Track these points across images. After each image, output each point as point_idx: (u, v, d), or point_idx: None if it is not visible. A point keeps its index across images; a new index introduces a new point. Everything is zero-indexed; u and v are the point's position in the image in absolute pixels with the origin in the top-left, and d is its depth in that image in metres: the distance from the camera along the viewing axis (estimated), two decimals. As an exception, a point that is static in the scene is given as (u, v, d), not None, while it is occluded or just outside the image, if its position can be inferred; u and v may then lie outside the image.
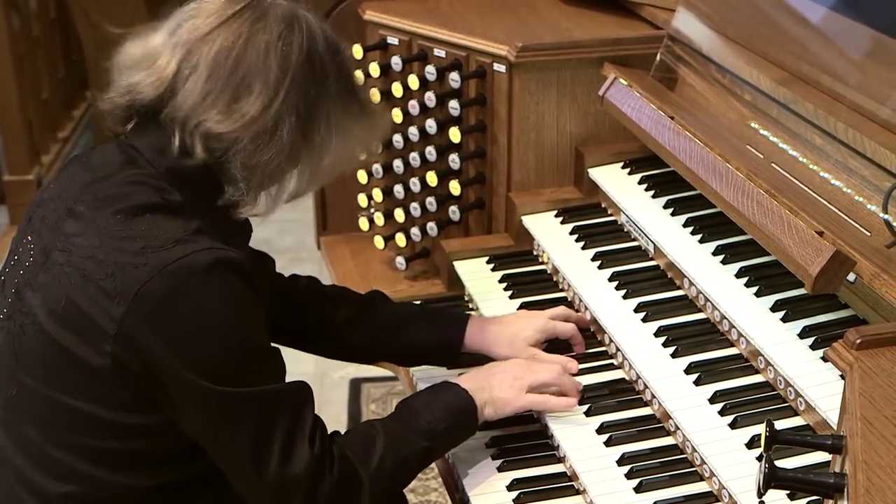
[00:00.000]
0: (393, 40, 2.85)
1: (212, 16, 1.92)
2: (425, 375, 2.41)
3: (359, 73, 2.87)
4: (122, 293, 1.82)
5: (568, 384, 2.18)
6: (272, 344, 1.98)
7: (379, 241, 2.94)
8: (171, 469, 1.97)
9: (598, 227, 2.61)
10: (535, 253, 2.69)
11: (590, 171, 2.68)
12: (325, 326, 2.35)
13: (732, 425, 1.98)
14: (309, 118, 1.93)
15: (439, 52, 2.76)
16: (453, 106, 2.72)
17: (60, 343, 1.88)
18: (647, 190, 2.56)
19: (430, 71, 2.74)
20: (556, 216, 2.68)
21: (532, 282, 2.59)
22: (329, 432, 1.99)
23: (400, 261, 2.87)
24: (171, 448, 1.95)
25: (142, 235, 1.85)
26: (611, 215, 2.65)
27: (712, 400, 2.04)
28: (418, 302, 2.64)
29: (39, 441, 1.93)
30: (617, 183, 2.62)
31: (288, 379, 1.96)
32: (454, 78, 2.70)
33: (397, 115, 2.83)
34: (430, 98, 2.74)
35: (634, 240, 2.53)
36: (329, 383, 4.40)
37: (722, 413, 2.01)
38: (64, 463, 1.92)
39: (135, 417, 1.90)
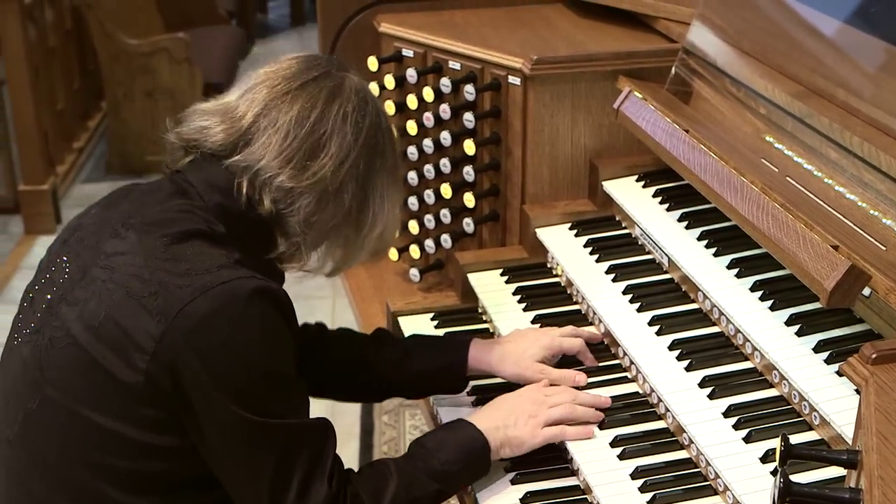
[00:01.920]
0: (408, 52, 2.86)
1: (290, 79, 2.00)
2: (441, 397, 2.41)
3: (373, 86, 2.89)
4: (164, 311, 1.85)
5: (584, 415, 2.17)
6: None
7: (393, 253, 2.94)
8: (187, 497, 1.97)
9: (613, 240, 2.61)
10: (548, 265, 2.69)
11: (604, 183, 2.68)
12: (334, 368, 2.36)
13: (747, 439, 1.97)
14: (369, 186, 2.03)
15: (454, 65, 2.77)
16: (468, 118, 2.73)
17: (94, 357, 1.89)
18: (661, 203, 2.56)
19: (445, 83, 2.75)
20: (571, 229, 2.68)
21: (546, 294, 2.59)
22: (346, 469, 2.01)
23: (414, 272, 2.87)
24: (190, 475, 1.95)
25: (187, 259, 1.89)
26: (625, 228, 2.65)
27: (726, 414, 2.04)
28: (431, 314, 2.65)
29: (57, 457, 1.93)
30: (631, 196, 2.63)
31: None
32: (469, 90, 2.71)
33: (412, 127, 2.84)
34: (444, 110, 2.75)
35: (648, 253, 2.53)
36: (342, 394, 4.40)
37: (736, 427, 2.00)
38: (80, 481, 1.92)
39: (158, 438, 1.90)
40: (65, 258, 2.01)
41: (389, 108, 2.87)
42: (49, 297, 1.98)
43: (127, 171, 6.55)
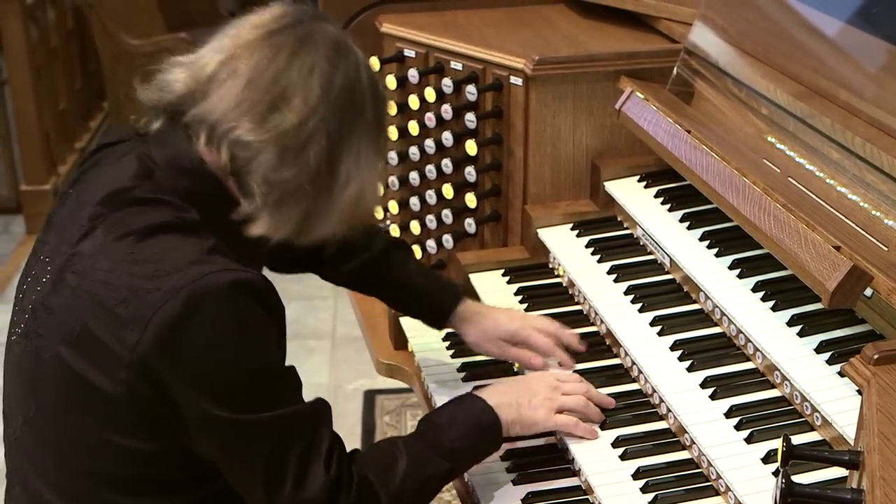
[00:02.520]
0: (410, 53, 2.86)
1: (257, 27, 1.90)
2: (437, 381, 2.42)
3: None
4: (136, 319, 1.79)
5: (593, 414, 2.17)
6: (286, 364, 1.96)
7: (394, 253, 2.94)
8: (191, 491, 1.95)
9: (614, 241, 2.61)
10: (550, 266, 2.69)
11: (606, 184, 2.68)
12: (330, 270, 2.41)
13: (748, 440, 1.97)
14: (339, 145, 1.90)
15: (456, 65, 2.77)
16: (469, 118, 2.73)
17: (75, 370, 1.86)
18: (663, 203, 2.56)
19: (447, 83, 2.75)
20: (572, 229, 2.68)
21: (547, 295, 2.59)
22: (350, 450, 1.98)
23: (415, 273, 2.86)
24: (187, 472, 1.93)
25: (155, 258, 1.82)
26: (626, 229, 2.65)
27: (728, 414, 2.04)
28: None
29: (57, 465, 1.93)
30: (633, 196, 2.62)
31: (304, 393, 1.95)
32: (471, 90, 2.71)
33: (413, 128, 2.84)
34: (446, 110, 2.75)
35: (650, 253, 2.53)
36: (343, 395, 4.41)
37: (738, 427, 2.00)
38: (78, 486, 1.92)
39: (150, 443, 1.88)
40: (46, 257, 1.96)
41: (391, 107, 2.87)
42: (34, 297, 1.95)
43: (128, 172, 6.55)
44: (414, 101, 2.82)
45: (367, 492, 1.93)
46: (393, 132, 2.87)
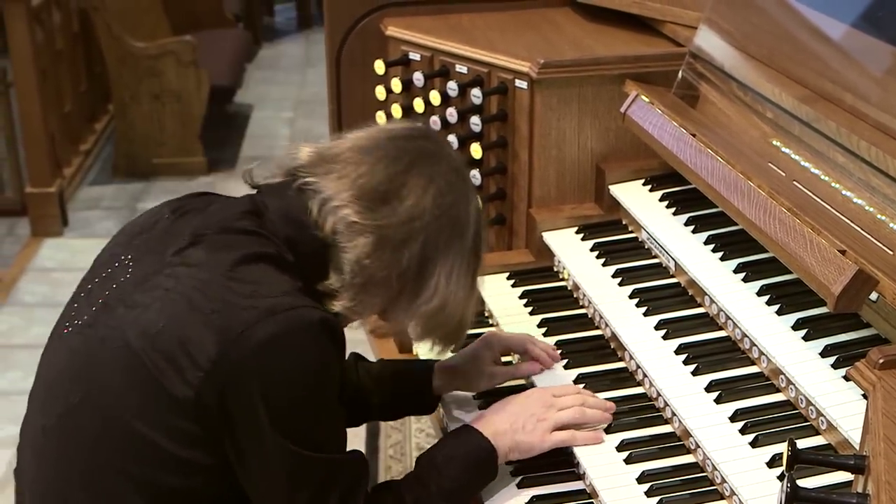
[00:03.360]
0: (415, 56, 2.86)
1: (390, 131, 2.03)
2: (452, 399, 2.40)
3: (380, 89, 2.89)
4: (225, 330, 1.82)
5: (594, 417, 2.16)
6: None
7: (399, 257, 2.94)
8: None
9: (619, 244, 2.61)
10: (555, 269, 2.69)
11: (611, 187, 2.68)
12: None
13: (753, 444, 1.97)
14: (435, 255, 1.98)
15: (461, 68, 2.77)
16: (474, 122, 2.73)
17: (146, 364, 1.87)
18: (668, 207, 2.56)
19: (452, 87, 2.75)
20: (577, 232, 2.68)
21: (552, 298, 2.59)
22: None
23: (420, 276, 2.86)
24: (216, 493, 1.94)
25: (254, 280, 1.87)
26: (631, 232, 2.65)
27: (733, 418, 2.03)
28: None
29: (87, 456, 1.92)
30: (638, 200, 2.63)
31: None
32: (476, 94, 2.71)
33: (419, 131, 2.84)
34: (451, 114, 2.75)
35: (655, 257, 2.53)
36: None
37: (743, 431, 2.00)
38: (105, 484, 1.91)
39: (195, 454, 1.89)
40: (129, 257, 1.99)
41: (396, 111, 2.88)
42: (108, 293, 1.97)
43: (133, 174, 6.57)
44: (419, 105, 2.83)
45: None
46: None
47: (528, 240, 2.75)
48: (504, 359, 2.38)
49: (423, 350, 2.54)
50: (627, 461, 2.08)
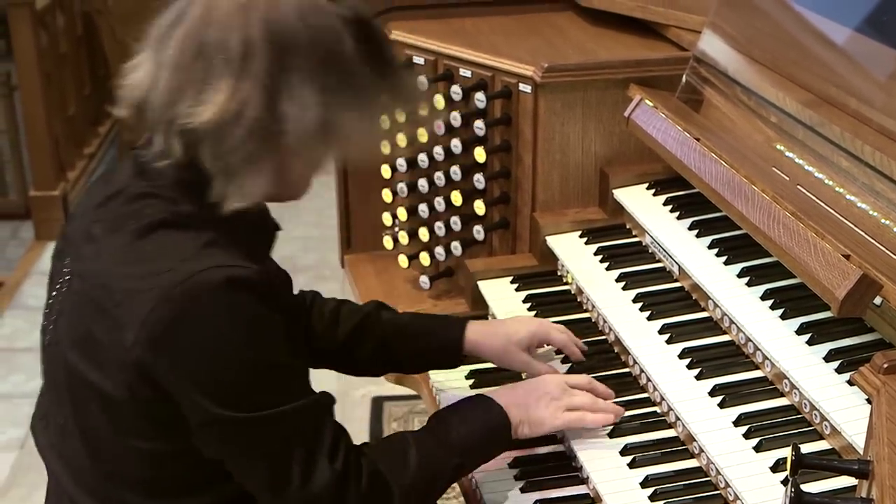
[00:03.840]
0: (419, 60, 2.87)
1: (173, 10, 1.85)
2: (446, 388, 2.41)
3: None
4: (131, 321, 1.78)
5: (605, 407, 2.17)
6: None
7: (403, 260, 2.95)
8: (211, 492, 1.95)
9: (623, 248, 2.61)
10: (559, 273, 2.69)
11: (614, 191, 2.68)
12: (328, 344, 2.33)
13: (757, 448, 1.97)
14: (273, 92, 1.79)
15: (465, 72, 2.77)
16: (478, 126, 2.73)
17: (84, 375, 1.87)
18: (672, 211, 2.56)
19: (456, 91, 2.75)
20: (581, 237, 2.68)
21: (556, 302, 2.59)
22: (360, 444, 1.97)
23: (424, 280, 2.87)
24: (205, 472, 1.93)
25: (148, 258, 1.81)
26: (635, 236, 2.65)
27: (737, 423, 2.03)
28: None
29: (90, 470, 1.94)
30: (642, 204, 2.62)
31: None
32: (480, 98, 2.71)
33: (422, 135, 2.84)
34: (455, 118, 2.75)
35: (659, 261, 2.53)
36: (350, 402, 4.40)
37: (746, 436, 2.00)
38: (115, 493, 1.93)
39: (162, 444, 1.88)
40: (66, 261, 1.97)
41: (400, 114, 2.88)
42: (57, 307, 1.97)
43: (137, 177, 6.57)
44: (423, 108, 2.82)
45: (379, 484, 1.92)
46: (402, 139, 2.88)
47: (531, 244, 2.75)
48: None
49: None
50: (631, 465, 2.08)
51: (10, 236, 6.04)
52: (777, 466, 1.92)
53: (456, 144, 2.76)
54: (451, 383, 2.43)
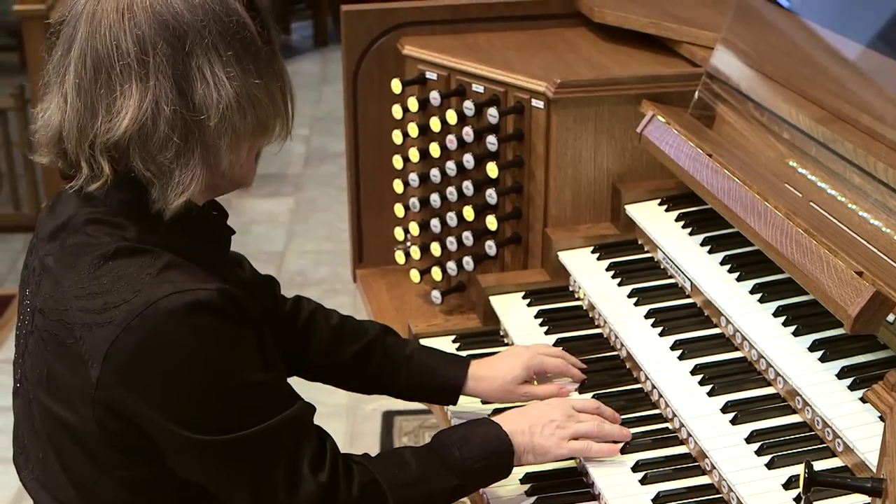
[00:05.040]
0: (431, 75, 2.87)
1: (62, 41, 1.83)
2: (460, 411, 2.40)
3: (396, 108, 2.90)
4: (93, 355, 1.76)
5: (612, 432, 2.15)
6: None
7: (415, 275, 2.95)
8: None
9: (635, 264, 2.61)
10: (570, 289, 2.69)
11: (627, 207, 2.68)
12: (327, 362, 2.32)
13: (769, 465, 1.96)
14: (182, 80, 1.78)
15: (478, 88, 2.78)
16: (491, 141, 2.73)
17: (54, 413, 1.86)
18: (684, 227, 2.56)
19: (469, 106, 2.76)
20: (593, 252, 2.68)
21: (568, 318, 2.59)
22: (359, 454, 1.98)
23: (435, 294, 2.87)
24: (190, 493, 1.90)
25: (104, 291, 1.78)
26: (647, 252, 2.65)
27: (749, 440, 2.03)
28: (452, 336, 2.65)
29: (75, 501, 1.91)
30: (654, 220, 2.62)
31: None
32: (492, 113, 2.72)
33: (435, 150, 2.85)
34: (467, 133, 2.75)
35: (671, 277, 2.53)
36: (361, 416, 4.40)
37: (759, 453, 1.99)
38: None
39: (141, 472, 1.85)
40: (27, 292, 1.95)
41: (413, 129, 2.89)
42: (22, 342, 1.96)
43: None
44: (435, 124, 2.83)
45: (373, 492, 1.91)
46: (414, 154, 2.89)
47: (543, 259, 2.75)
48: None
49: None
50: (643, 482, 2.08)
51: (23, 248, 6.06)
52: (789, 483, 1.92)
53: (468, 160, 2.76)
54: (465, 403, 2.42)
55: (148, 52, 1.77)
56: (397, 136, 2.95)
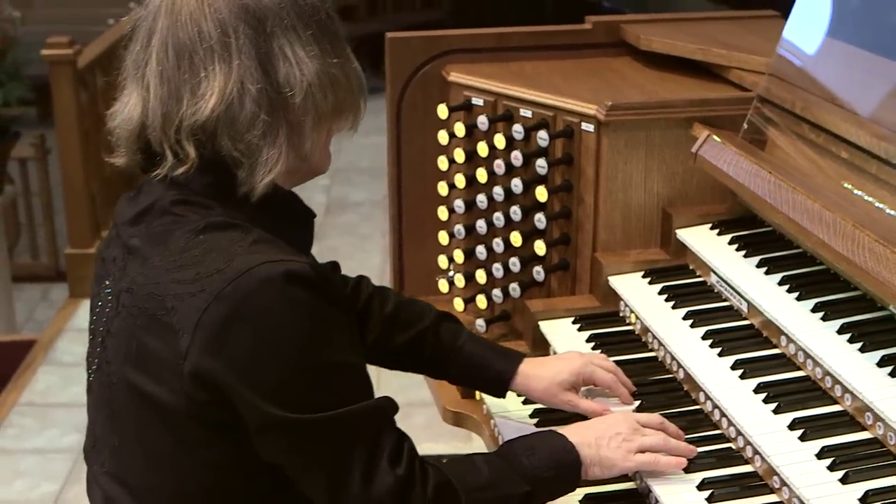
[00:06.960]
0: (478, 101, 2.86)
1: (140, 35, 1.89)
2: (510, 428, 2.36)
3: (442, 133, 2.89)
4: (184, 325, 1.77)
5: (677, 447, 2.11)
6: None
7: (459, 304, 2.91)
8: (281, 498, 1.91)
9: (688, 288, 2.57)
10: (621, 314, 2.65)
11: (678, 231, 2.65)
12: (379, 346, 2.34)
13: (843, 480, 1.91)
14: (265, 60, 1.83)
15: (525, 112, 2.76)
16: (540, 164, 2.71)
17: (141, 389, 1.84)
18: (738, 250, 2.53)
19: (518, 129, 2.73)
20: (644, 276, 2.64)
21: (620, 342, 2.55)
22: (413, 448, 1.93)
23: (480, 323, 2.83)
24: (266, 482, 1.88)
25: (195, 262, 1.79)
26: (699, 276, 2.61)
27: (820, 455, 1.98)
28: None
29: (153, 491, 1.90)
30: (707, 243, 2.59)
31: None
32: (542, 136, 2.69)
33: (482, 175, 2.82)
34: (516, 157, 2.73)
35: (725, 300, 2.49)
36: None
37: (831, 468, 1.94)
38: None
39: (221, 454, 1.85)
40: (107, 283, 1.95)
41: (459, 155, 2.87)
42: (101, 329, 1.95)
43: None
44: (483, 149, 2.81)
45: (448, 494, 1.88)
46: (460, 180, 2.86)
47: (592, 285, 2.72)
48: None
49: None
50: (710, 501, 2.02)
51: (41, 298, 6.05)
52: (866, 498, 1.87)
53: (516, 184, 2.73)
54: (505, 404, 2.40)
55: (230, 35, 1.82)
56: (443, 163, 2.93)
